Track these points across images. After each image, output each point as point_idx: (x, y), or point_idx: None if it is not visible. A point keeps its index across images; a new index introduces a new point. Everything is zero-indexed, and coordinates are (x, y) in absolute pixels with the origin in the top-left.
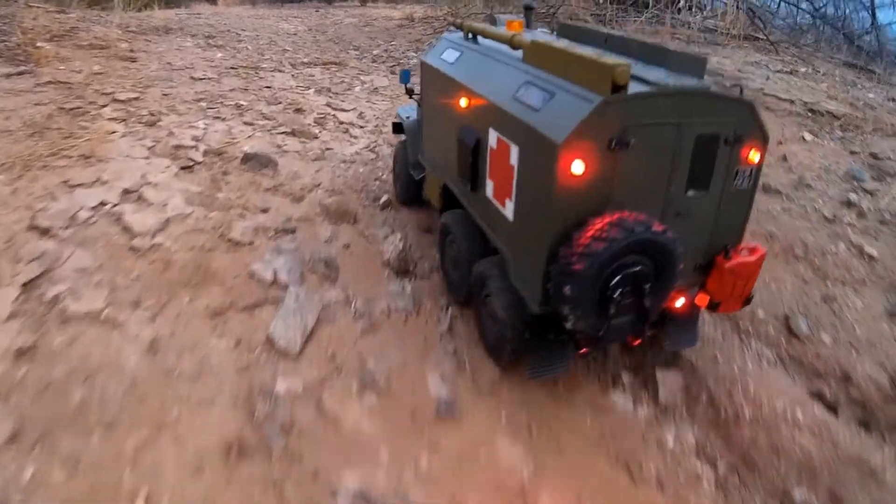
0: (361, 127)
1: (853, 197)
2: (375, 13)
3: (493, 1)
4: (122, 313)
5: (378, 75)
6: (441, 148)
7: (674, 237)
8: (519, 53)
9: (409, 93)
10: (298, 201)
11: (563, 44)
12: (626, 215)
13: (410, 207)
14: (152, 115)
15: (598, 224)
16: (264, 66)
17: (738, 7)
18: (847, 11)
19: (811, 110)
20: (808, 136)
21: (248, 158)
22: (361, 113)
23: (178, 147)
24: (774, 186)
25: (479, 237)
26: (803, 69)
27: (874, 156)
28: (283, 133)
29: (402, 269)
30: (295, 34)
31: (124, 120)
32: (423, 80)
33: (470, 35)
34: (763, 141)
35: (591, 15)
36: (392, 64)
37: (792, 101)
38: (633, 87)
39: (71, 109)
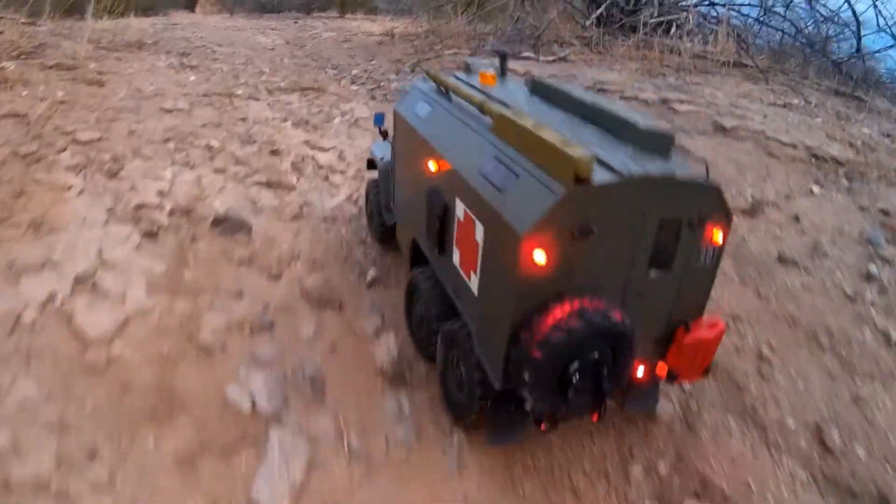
0: (342, 172)
1: (872, 269)
2: (354, 26)
3: (475, 20)
4: (75, 478)
5: (358, 103)
6: (411, 202)
7: (631, 325)
8: (489, 120)
9: (384, 135)
10: (276, 279)
11: (529, 120)
12: (585, 304)
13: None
14: (115, 160)
15: (557, 313)
16: (239, 92)
17: (728, 34)
18: (828, 33)
19: (815, 156)
20: (815, 189)
21: (219, 221)
22: (342, 153)
23: (141, 207)
24: (790, 256)
25: (446, 299)
26: (795, 101)
27: (885, 212)
28: (257, 184)
29: (398, 377)
30: (272, 49)
31: (84, 168)
32: (395, 130)
33: (442, 88)
34: (727, 222)
35: (577, 37)
36: (372, 87)
37: (795, 146)
38: (598, 173)
39: (26, 155)
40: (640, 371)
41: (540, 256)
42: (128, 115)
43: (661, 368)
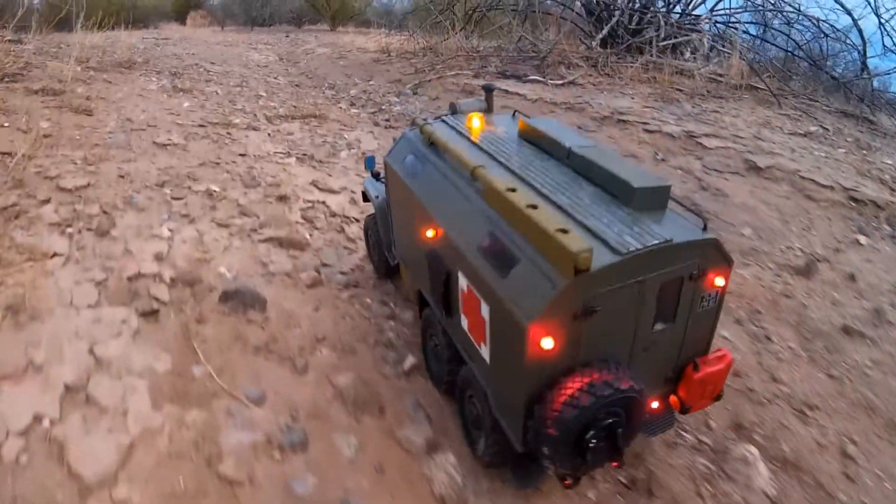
0: (357, 220)
1: None
2: (347, 42)
3: (473, 37)
4: None
5: (363, 131)
6: (412, 254)
7: (641, 388)
8: (480, 186)
9: (376, 176)
10: (301, 373)
11: (521, 198)
12: (594, 378)
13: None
14: (105, 213)
15: (568, 390)
16: (236, 121)
17: (740, 56)
18: (826, 49)
19: (853, 199)
20: (861, 239)
21: (228, 296)
22: (353, 195)
23: (136, 277)
24: (854, 325)
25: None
26: (813, 128)
27: None
28: (267, 241)
29: None
30: (266, 66)
31: (70, 225)
32: (388, 180)
33: (429, 142)
34: (727, 266)
35: (583, 59)
36: (373, 110)
37: (832, 188)
38: (596, 253)
39: (5, 209)
40: (655, 405)
41: (547, 343)
42: (118, 153)
43: (674, 402)
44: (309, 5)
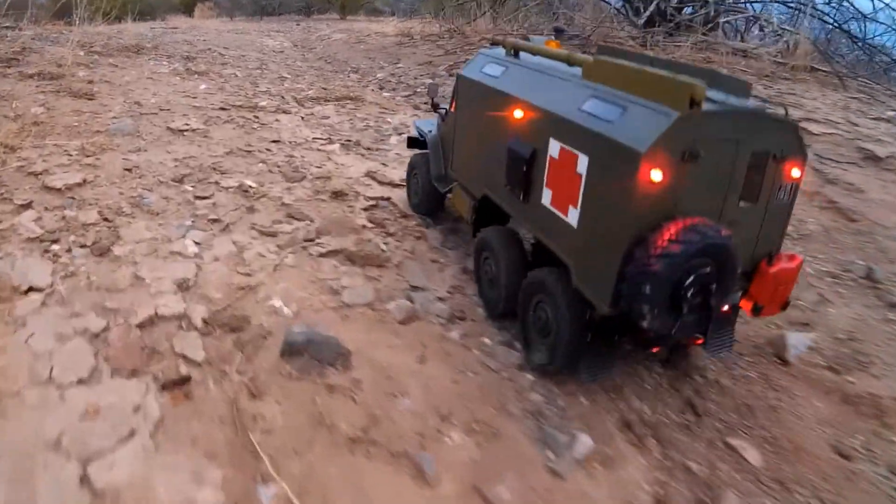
0: (435, 223)
1: None
2: (362, 28)
3: (500, 18)
4: None
5: (405, 114)
6: (481, 160)
7: (736, 242)
8: (575, 70)
9: (435, 107)
10: (434, 485)
11: (627, 62)
12: (697, 221)
13: None
14: (106, 221)
15: (673, 228)
16: (263, 103)
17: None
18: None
19: None
20: None
21: (294, 349)
22: None
23: (152, 323)
24: None
25: (520, 252)
26: (890, 113)
27: None
28: (330, 255)
29: None
30: (282, 52)
31: (55, 241)
32: (459, 95)
33: (512, 52)
34: (803, 159)
35: (630, 38)
36: (408, 93)
37: None
38: (703, 105)
39: None
40: (725, 306)
41: (656, 175)
42: (123, 141)
43: (745, 304)
44: None
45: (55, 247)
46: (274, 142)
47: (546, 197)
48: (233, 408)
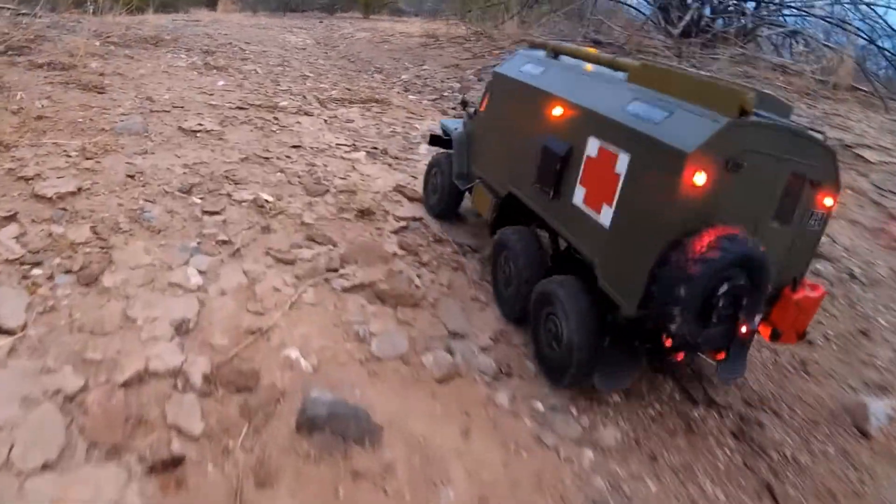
0: (473, 249)
1: None
2: (386, 27)
3: (529, 21)
4: None
5: (433, 120)
6: (511, 158)
7: (770, 258)
8: (619, 74)
9: (464, 104)
10: None
11: (675, 68)
12: (736, 230)
13: None
14: (99, 240)
15: (714, 233)
16: (283, 103)
17: (851, 55)
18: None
19: None
20: None
21: (314, 423)
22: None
23: (141, 381)
24: None
25: (539, 254)
26: None
27: None
28: (355, 290)
29: None
30: (304, 48)
31: (37, 265)
32: (493, 92)
33: (552, 53)
34: (837, 188)
35: (665, 47)
36: (434, 97)
37: None
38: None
39: None
40: (744, 329)
41: (700, 178)
42: (129, 142)
43: (764, 330)
44: None
45: (36, 272)
46: (294, 147)
47: (578, 195)
48: (236, 501)
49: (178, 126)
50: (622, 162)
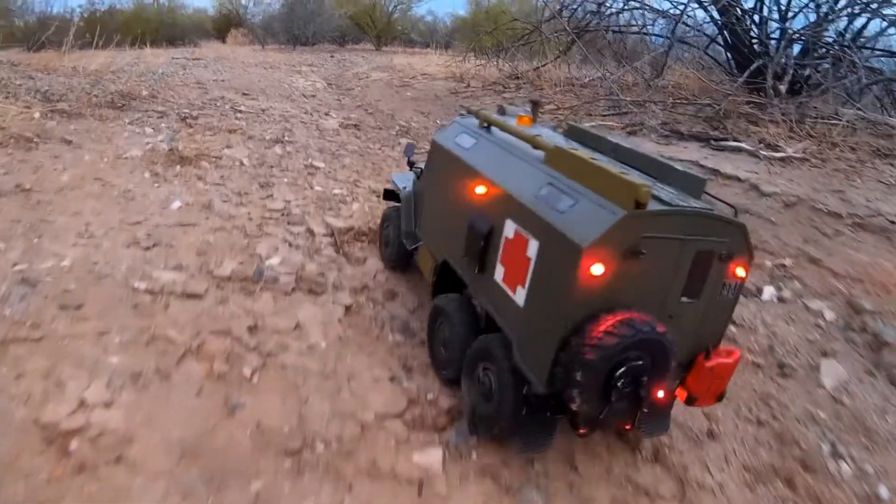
0: None
1: None
2: (403, 64)
3: (571, 63)
4: None
5: None
6: (445, 227)
7: (671, 338)
8: (539, 153)
9: (411, 165)
10: None
11: (585, 153)
12: (634, 315)
13: None
14: None
15: (610, 320)
16: (273, 261)
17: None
18: None
19: None
20: None
21: None
22: None
23: None
24: None
25: (473, 319)
26: None
27: None
28: None
29: None
30: (314, 95)
31: None
32: (432, 159)
33: (485, 125)
34: (749, 259)
35: (757, 109)
36: None
37: None
38: (650, 204)
39: None
40: (661, 394)
41: (597, 269)
42: None
43: (680, 393)
44: (353, 24)
45: None
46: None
47: (499, 273)
48: None
49: (63, 335)
50: (532, 247)
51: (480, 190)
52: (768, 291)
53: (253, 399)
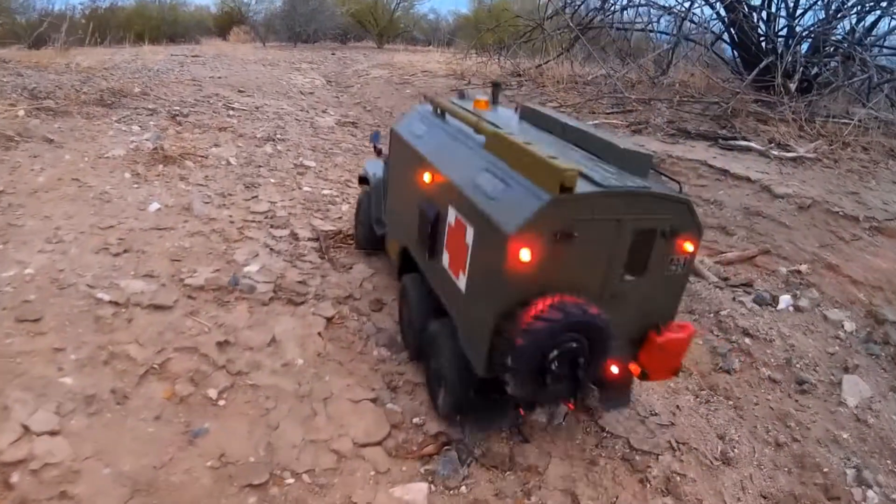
0: None
1: None
2: (404, 62)
3: (575, 61)
4: None
5: None
6: (403, 213)
7: (607, 319)
8: (482, 139)
9: (378, 152)
10: None
11: (520, 138)
12: (565, 298)
13: None
14: None
15: (539, 305)
16: (251, 268)
17: None
18: None
19: None
20: None
21: None
22: None
23: None
24: None
25: (431, 300)
26: None
27: None
28: None
29: None
30: (312, 92)
31: None
32: (391, 148)
33: (439, 111)
34: (697, 234)
35: (765, 107)
36: None
37: None
38: (581, 185)
39: None
40: (615, 369)
41: (525, 255)
42: None
43: (635, 368)
44: (355, 21)
45: None
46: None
47: (445, 259)
48: None
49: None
50: (469, 234)
51: (427, 178)
52: (784, 300)
53: (217, 425)
